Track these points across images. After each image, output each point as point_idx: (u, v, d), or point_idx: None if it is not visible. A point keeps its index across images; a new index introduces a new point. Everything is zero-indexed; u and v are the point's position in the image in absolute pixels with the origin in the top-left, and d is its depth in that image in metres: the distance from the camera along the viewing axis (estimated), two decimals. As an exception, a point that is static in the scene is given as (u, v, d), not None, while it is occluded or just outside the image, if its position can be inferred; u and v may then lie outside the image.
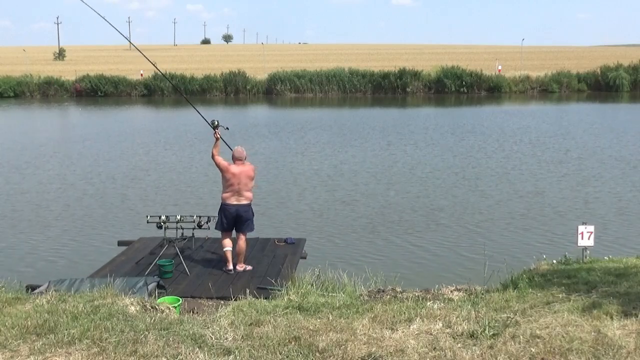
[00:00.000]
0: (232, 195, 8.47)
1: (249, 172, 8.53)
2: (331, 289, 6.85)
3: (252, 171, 8.60)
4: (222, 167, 8.50)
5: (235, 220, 8.58)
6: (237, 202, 8.49)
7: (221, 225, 8.64)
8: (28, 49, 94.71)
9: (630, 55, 69.34)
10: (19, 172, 18.98)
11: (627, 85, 49.11)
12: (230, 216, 8.53)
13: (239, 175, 8.43)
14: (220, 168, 8.55)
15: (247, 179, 8.49)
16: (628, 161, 19.53)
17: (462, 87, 48.58)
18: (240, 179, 8.43)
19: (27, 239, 12.46)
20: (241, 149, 8.62)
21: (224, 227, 8.62)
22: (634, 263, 7.41)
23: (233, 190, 8.44)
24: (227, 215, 8.54)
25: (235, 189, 8.44)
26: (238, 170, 8.44)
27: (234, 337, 5.01)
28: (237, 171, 8.43)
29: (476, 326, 5.12)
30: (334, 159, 20.70)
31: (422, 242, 11.85)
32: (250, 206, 8.66)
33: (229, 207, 8.50)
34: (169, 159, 21.13)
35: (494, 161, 19.89)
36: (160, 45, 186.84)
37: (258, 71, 54.55)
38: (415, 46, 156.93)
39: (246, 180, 8.47)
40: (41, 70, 58.77)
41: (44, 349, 4.70)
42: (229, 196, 8.48)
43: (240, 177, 8.43)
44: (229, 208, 8.50)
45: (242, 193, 8.48)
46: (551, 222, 12.99)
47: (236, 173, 8.42)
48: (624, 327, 5.04)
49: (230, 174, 8.42)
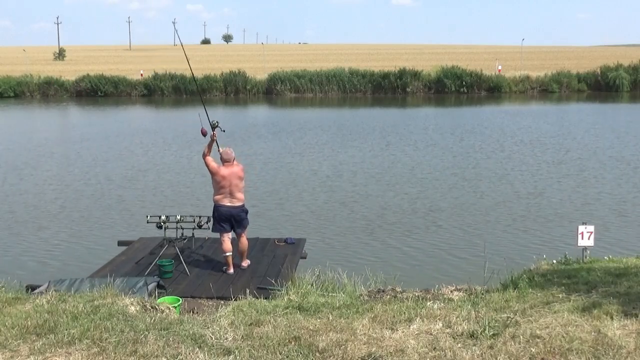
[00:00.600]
0: (225, 197, 8.55)
1: (239, 173, 8.60)
2: (331, 289, 6.85)
3: (242, 171, 8.68)
4: (212, 170, 8.56)
5: (231, 221, 8.65)
6: (230, 203, 8.57)
7: (218, 227, 8.69)
8: (28, 49, 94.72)
9: (630, 55, 69.35)
10: (18, 172, 18.98)
11: (627, 85, 49.09)
12: (225, 218, 8.59)
13: (229, 177, 8.49)
14: (210, 170, 8.60)
15: (238, 179, 8.57)
16: (628, 161, 19.52)
17: (462, 87, 48.56)
18: (231, 181, 8.50)
19: (27, 239, 12.46)
20: (229, 150, 8.67)
21: (221, 228, 8.67)
22: (634, 263, 7.41)
23: (225, 192, 8.52)
24: (222, 217, 8.59)
25: (227, 190, 8.51)
26: (228, 172, 8.50)
27: (234, 337, 5.01)
28: (227, 173, 8.49)
29: (476, 326, 5.12)
30: (334, 159, 20.69)
31: (422, 242, 11.85)
32: (243, 207, 8.74)
33: (222, 209, 8.57)
34: (168, 159, 21.13)
35: (493, 161, 19.89)
36: (160, 45, 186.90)
37: (258, 71, 54.54)
38: (415, 46, 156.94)
39: (237, 182, 8.56)
40: (41, 70, 58.74)
41: (44, 349, 4.70)
42: (222, 198, 8.56)
43: (231, 179, 8.50)
44: (222, 210, 8.57)
45: (235, 194, 8.56)
46: (551, 222, 12.99)
47: (226, 175, 8.48)
48: (624, 327, 5.04)
49: (220, 177, 8.49)
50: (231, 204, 8.56)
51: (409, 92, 48.71)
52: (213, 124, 8.77)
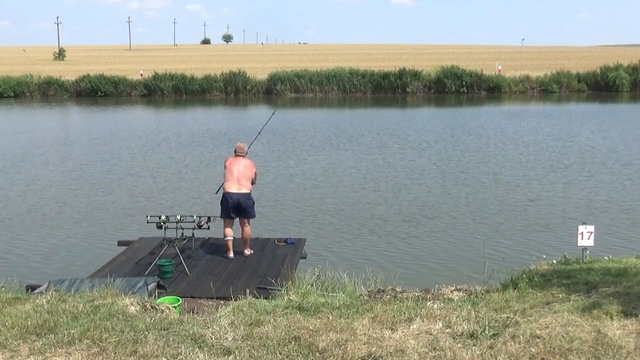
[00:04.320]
0: (233, 184, 9.06)
1: (246, 163, 9.21)
2: (331, 289, 6.86)
3: (251, 165, 9.28)
4: (225, 164, 9.33)
5: (237, 208, 9.09)
6: (237, 190, 9.07)
7: (224, 213, 9.16)
8: (28, 49, 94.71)
9: (630, 55, 69.33)
10: (18, 172, 18.97)
11: (627, 85, 49.09)
12: (231, 204, 9.04)
13: (237, 163, 9.13)
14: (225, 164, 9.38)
15: (245, 168, 9.13)
16: (628, 161, 19.52)
17: (462, 87, 48.56)
18: (239, 168, 9.08)
19: (27, 239, 12.46)
20: (242, 144, 9.44)
21: (226, 214, 9.14)
22: (634, 263, 7.40)
23: (233, 178, 9.05)
24: (228, 203, 9.04)
25: (235, 178, 9.04)
26: (235, 161, 9.17)
27: (234, 337, 5.01)
28: (233, 160, 9.24)
29: (476, 326, 5.12)
30: (334, 158, 20.69)
31: (422, 242, 11.85)
32: (250, 195, 9.21)
33: (230, 195, 9.05)
34: (168, 159, 21.12)
35: (493, 161, 19.89)
36: (160, 45, 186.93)
37: (258, 71, 54.55)
38: (415, 46, 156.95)
39: (244, 170, 9.11)
40: (41, 70, 58.74)
41: (44, 349, 4.70)
42: (230, 185, 9.09)
43: (239, 166, 9.10)
44: (229, 196, 9.05)
45: (242, 182, 9.08)
46: (551, 222, 12.99)
47: (233, 163, 9.14)
48: (624, 327, 5.04)
49: (228, 163, 9.22)
50: (238, 190, 9.03)
51: (409, 92, 48.71)
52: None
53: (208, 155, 21.60)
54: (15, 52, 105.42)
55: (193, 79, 49.76)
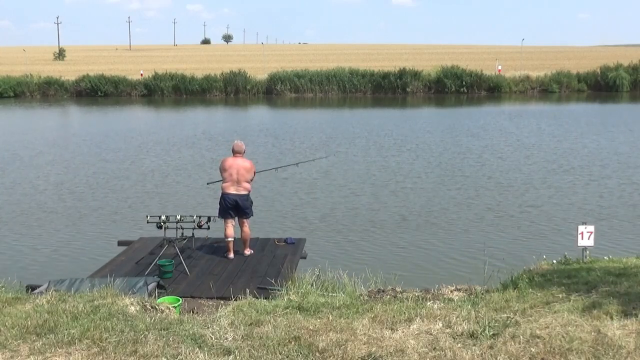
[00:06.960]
0: (232, 185, 9.06)
1: (244, 163, 9.13)
2: (331, 289, 6.86)
3: (249, 165, 9.20)
4: (221, 164, 9.25)
5: (235, 208, 9.12)
6: (235, 191, 9.08)
7: (222, 213, 9.18)
8: (28, 49, 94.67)
9: (630, 55, 69.31)
10: (18, 172, 18.98)
11: (627, 85, 49.09)
12: (229, 204, 9.06)
13: (234, 164, 9.06)
14: (220, 166, 9.26)
15: (244, 169, 9.07)
16: (628, 161, 19.53)
17: (462, 87, 48.55)
18: (238, 169, 9.03)
19: (27, 239, 12.46)
20: (240, 142, 9.30)
21: (226, 214, 9.15)
22: (634, 263, 7.40)
23: (231, 180, 9.05)
24: (227, 203, 9.07)
25: (234, 178, 9.04)
26: (233, 162, 9.10)
27: (234, 337, 5.01)
28: (232, 162, 9.09)
29: (476, 326, 5.12)
30: (334, 158, 20.68)
31: (422, 242, 11.85)
32: (248, 196, 9.22)
33: (228, 196, 9.07)
34: (168, 158, 21.12)
35: (493, 161, 19.89)
36: (160, 45, 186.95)
37: (258, 71, 54.53)
38: (415, 46, 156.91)
39: (243, 171, 9.06)
40: (41, 70, 58.74)
41: (44, 349, 4.70)
42: (228, 186, 9.08)
43: (238, 167, 9.04)
44: (228, 197, 9.07)
45: (241, 183, 9.07)
46: (551, 222, 12.99)
47: (232, 164, 9.07)
48: (624, 327, 5.04)
49: (227, 165, 9.10)
50: (237, 191, 9.06)
51: (409, 92, 48.70)
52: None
53: (208, 155, 21.60)
54: (15, 52, 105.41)
55: (193, 79, 49.77)
